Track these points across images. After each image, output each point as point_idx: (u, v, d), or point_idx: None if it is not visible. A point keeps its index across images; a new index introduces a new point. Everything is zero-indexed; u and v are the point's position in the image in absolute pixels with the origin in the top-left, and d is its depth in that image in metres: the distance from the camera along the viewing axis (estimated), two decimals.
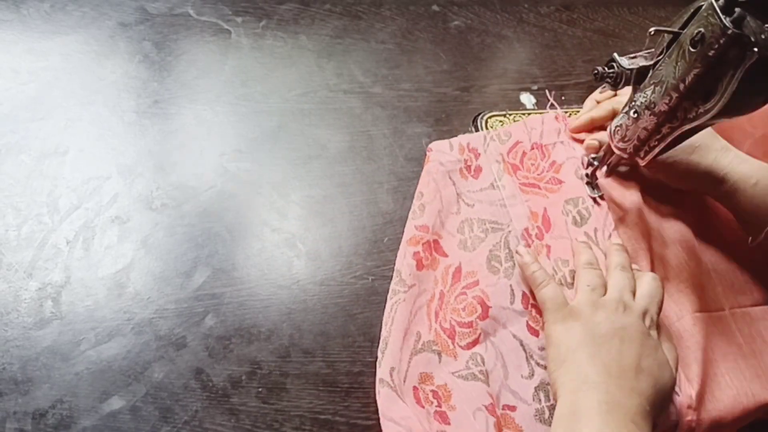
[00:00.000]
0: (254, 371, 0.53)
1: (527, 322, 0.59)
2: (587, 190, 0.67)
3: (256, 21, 0.75)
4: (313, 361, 0.55)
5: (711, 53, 0.47)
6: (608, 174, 0.65)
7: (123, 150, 0.61)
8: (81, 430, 0.48)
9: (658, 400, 0.53)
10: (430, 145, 0.67)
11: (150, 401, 0.50)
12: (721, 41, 0.46)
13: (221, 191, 0.61)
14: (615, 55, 0.55)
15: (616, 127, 0.60)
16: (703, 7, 0.47)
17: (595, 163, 0.66)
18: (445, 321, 0.58)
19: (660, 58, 0.53)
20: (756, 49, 0.44)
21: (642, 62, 0.55)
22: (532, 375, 0.57)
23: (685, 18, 0.50)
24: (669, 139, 0.55)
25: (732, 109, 0.49)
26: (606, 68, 0.57)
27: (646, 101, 0.54)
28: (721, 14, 0.45)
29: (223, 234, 0.59)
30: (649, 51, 0.55)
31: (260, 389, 0.53)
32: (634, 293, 0.58)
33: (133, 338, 0.52)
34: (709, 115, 0.50)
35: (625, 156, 0.60)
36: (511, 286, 0.60)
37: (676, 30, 0.51)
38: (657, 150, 0.57)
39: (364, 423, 0.53)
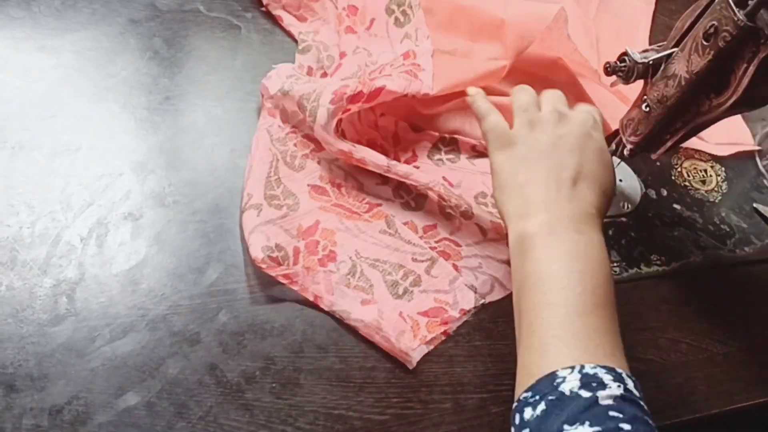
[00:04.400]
0: (268, 367, 0.53)
1: None
2: None
3: (265, 16, 0.75)
4: (326, 357, 0.55)
5: (724, 46, 0.47)
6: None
7: (134, 147, 0.62)
8: (97, 425, 0.48)
9: (604, 201, 0.55)
10: None
11: (165, 397, 0.50)
12: (735, 34, 0.46)
13: (232, 187, 0.62)
14: (627, 48, 0.55)
15: (627, 120, 0.60)
16: (717, 0, 0.47)
17: None
18: None
19: (672, 51, 0.53)
20: None
21: (654, 56, 0.55)
22: None
23: (699, 11, 0.50)
24: (681, 133, 0.55)
25: (745, 102, 0.49)
26: (618, 62, 0.56)
27: (658, 95, 0.54)
28: (734, 7, 0.45)
29: (236, 230, 0.59)
30: (661, 44, 0.55)
31: (274, 385, 0.53)
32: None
33: (148, 334, 0.53)
34: (722, 109, 0.50)
35: (637, 150, 0.60)
36: None
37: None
38: (669, 144, 0.57)
39: (378, 418, 0.53)
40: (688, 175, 0.75)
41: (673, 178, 0.74)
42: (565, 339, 0.45)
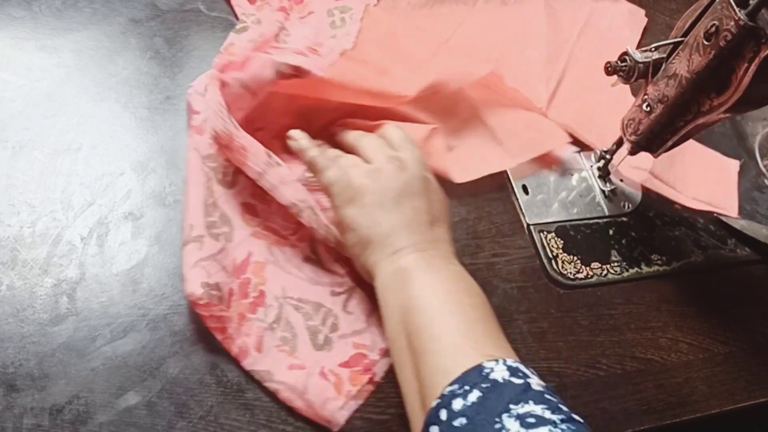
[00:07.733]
0: None
1: None
2: (599, 183, 0.67)
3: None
4: None
5: (725, 46, 0.47)
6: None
7: (135, 146, 0.62)
8: (97, 425, 0.48)
9: (451, 237, 0.57)
10: None
11: (165, 396, 0.50)
12: (736, 33, 0.46)
13: None
14: (628, 48, 0.55)
15: (628, 120, 0.60)
16: (717, 0, 0.47)
17: (608, 156, 0.66)
18: None
19: (673, 50, 0.53)
20: None
21: (655, 55, 0.55)
22: None
23: (699, 11, 0.50)
24: (682, 132, 0.55)
25: (746, 102, 0.49)
26: (619, 62, 0.56)
27: (659, 95, 0.54)
28: (735, 6, 0.45)
29: None
30: (662, 44, 0.55)
31: None
32: None
33: (148, 334, 0.53)
34: (722, 108, 0.50)
35: (638, 149, 0.60)
36: None
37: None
38: (670, 143, 0.57)
39: (378, 417, 0.53)
40: None
41: None
42: (468, 343, 0.47)
